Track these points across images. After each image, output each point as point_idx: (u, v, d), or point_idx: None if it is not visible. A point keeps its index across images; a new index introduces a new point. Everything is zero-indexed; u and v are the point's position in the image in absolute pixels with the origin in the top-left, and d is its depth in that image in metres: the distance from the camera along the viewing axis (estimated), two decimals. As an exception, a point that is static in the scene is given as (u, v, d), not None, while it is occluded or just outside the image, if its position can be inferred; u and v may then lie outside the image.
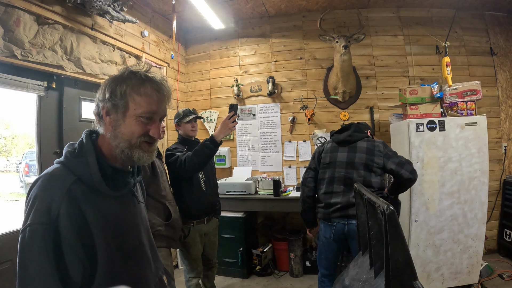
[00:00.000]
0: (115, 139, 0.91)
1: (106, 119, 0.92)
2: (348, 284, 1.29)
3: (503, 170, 3.72)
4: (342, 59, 3.55)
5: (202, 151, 2.19)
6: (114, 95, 0.90)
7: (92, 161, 0.87)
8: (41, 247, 0.74)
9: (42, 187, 0.81)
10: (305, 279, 3.55)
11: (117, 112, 0.90)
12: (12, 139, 10.90)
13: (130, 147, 0.91)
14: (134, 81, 0.90)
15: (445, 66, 3.11)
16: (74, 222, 0.79)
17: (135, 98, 0.90)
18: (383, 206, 0.95)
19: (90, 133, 0.95)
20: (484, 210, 2.92)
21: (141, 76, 0.91)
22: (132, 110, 0.90)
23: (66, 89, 2.64)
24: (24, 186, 7.52)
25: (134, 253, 0.95)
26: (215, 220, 2.72)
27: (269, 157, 4.19)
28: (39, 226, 0.75)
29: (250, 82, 4.25)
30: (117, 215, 0.91)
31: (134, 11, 3.35)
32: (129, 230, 0.95)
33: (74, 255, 0.78)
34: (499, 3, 3.67)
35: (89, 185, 0.85)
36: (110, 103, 0.90)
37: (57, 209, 0.77)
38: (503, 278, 3.08)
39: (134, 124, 0.91)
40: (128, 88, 0.90)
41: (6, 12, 2.07)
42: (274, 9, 4.00)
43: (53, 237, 0.76)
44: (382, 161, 2.23)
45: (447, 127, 2.92)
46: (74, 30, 2.62)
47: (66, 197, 0.79)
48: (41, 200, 0.78)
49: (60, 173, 0.84)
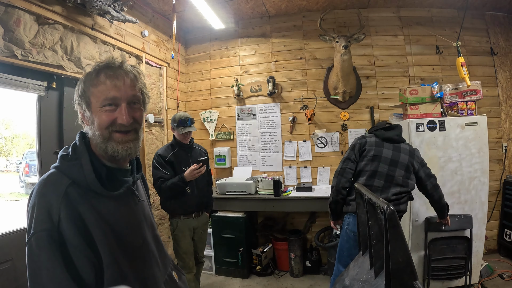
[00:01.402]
0: (93, 136, 0.91)
1: (84, 120, 0.94)
2: (348, 284, 1.29)
3: (503, 170, 3.72)
4: (342, 59, 3.55)
5: (174, 188, 2.57)
6: (79, 95, 0.92)
7: (86, 162, 0.86)
8: (50, 254, 0.74)
9: (39, 194, 0.80)
10: (305, 279, 3.55)
11: (86, 110, 0.91)
12: (12, 139, 10.90)
13: (103, 141, 0.90)
14: (89, 76, 0.91)
15: (461, 66, 3.00)
16: (75, 224, 0.78)
17: (92, 91, 0.90)
18: (383, 206, 0.95)
19: (83, 135, 0.94)
20: (484, 210, 2.93)
21: (95, 68, 0.92)
22: (94, 104, 0.90)
23: (67, 89, 2.64)
24: (24, 186, 7.52)
25: (139, 252, 0.93)
26: (205, 215, 2.88)
27: (269, 157, 4.19)
28: (43, 233, 0.75)
29: (250, 82, 4.25)
30: (115, 216, 0.89)
31: (134, 11, 3.35)
32: (131, 230, 0.93)
33: (83, 256, 0.77)
34: (500, 3, 3.67)
35: (85, 187, 0.84)
36: (79, 105, 0.92)
37: (57, 213, 0.77)
38: (503, 278, 3.08)
39: (100, 116, 0.89)
40: (86, 84, 0.91)
41: (7, 12, 2.07)
42: (274, 9, 4.00)
43: (58, 242, 0.75)
44: (417, 166, 2.33)
45: (447, 127, 2.92)
46: (74, 30, 2.62)
47: (63, 201, 0.79)
48: (40, 207, 0.78)
49: (54, 178, 0.84)
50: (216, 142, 4.40)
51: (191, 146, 2.81)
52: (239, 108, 4.30)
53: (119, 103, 0.90)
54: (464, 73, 2.98)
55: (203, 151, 2.96)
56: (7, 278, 2.02)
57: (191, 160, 2.72)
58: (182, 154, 2.73)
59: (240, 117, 4.30)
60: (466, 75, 2.98)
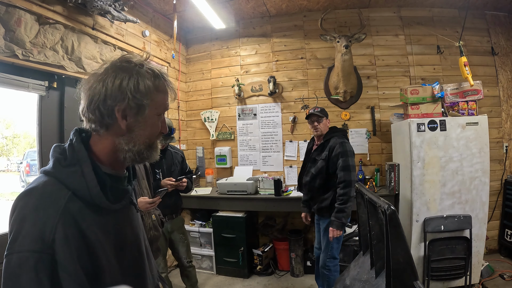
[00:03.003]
0: (129, 142, 0.79)
1: (122, 123, 0.77)
2: (349, 284, 1.29)
3: (504, 170, 3.72)
4: (343, 58, 3.54)
5: None
6: (138, 93, 0.76)
7: (88, 171, 0.73)
8: (31, 279, 0.61)
9: (32, 207, 0.67)
10: (306, 278, 3.55)
11: (138, 113, 0.78)
12: (13, 138, 10.90)
13: (148, 148, 0.82)
14: (148, 76, 0.78)
15: (463, 66, 3.00)
16: (73, 246, 0.66)
17: (156, 96, 0.80)
18: (384, 206, 0.95)
19: (79, 133, 0.80)
20: (485, 210, 2.92)
21: (153, 70, 0.80)
22: (153, 109, 0.80)
23: (67, 89, 2.65)
24: (25, 186, 7.52)
25: (133, 265, 0.87)
26: (180, 218, 2.86)
27: (270, 157, 4.19)
28: (30, 255, 0.62)
29: (251, 82, 4.24)
30: (117, 230, 0.81)
31: (135, 11, 3.35)
32: (130, 243, 0.86)
33: (75, 284, 0.65)
34: (501, 3, 3.66)
35: (86, 200, 0.72)
36: (133, 103, 0.76)
37: (51, 233, 0.64)
38: (504, 278, 3.07)
39: (154, 124, 0.82)
40: (150, 85, 0.78)
41: (7, 12, 2.07)
42: (275, 8, 4.00)
43: (48, 267, 0.63)
44: None
45: (448, 127, 2.92)
46: (75, 30, 2.62)
47: (61, 218, 0.67)
48: (32, 223, 0.65)
49: (52, 189, 0.70)
50: (217, 142, 4.40)
51: (166, 149, 2.73)
52: (239, 108, 4.30)
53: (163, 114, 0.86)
54: (467, 73, 2.97)
55: (179, 153, 2.86)
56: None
57: (165, 163, 2.67)
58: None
59: (241, 117, 4.30)
60: (469, 75, 2.97)
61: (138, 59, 0.80)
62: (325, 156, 2.63)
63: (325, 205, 2.62)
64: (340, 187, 2.51)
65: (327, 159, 2.62)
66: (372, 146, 3.89)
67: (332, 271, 2.62)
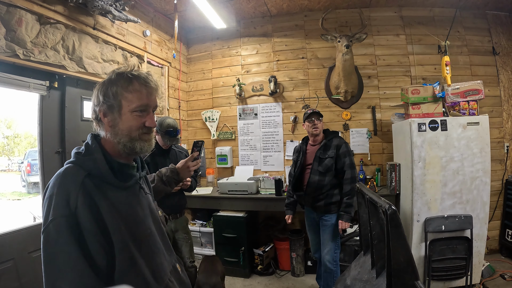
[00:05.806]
0: (115, 136, 0.99)
1: (105, 120, 1.00)
2: (349, 283, 1.29)
3: (505, 170, 3.71)
4: (344, 58, 3.54)
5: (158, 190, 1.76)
6: (107, 97, 0.98)
7: (100, 157, 0.95)
8: (67, 238, 0.80)
9: (57, 185, 0.87)
10: (306, 278, 3.55)
11: (113, 111, 0.98)
12: (14, 138, 10.95)
13: (131, 140, 0.99)
14: (122, 81, 0.98)
15: (445, 65, 3.13)
16: (91, 212, 0.85)
17: (126, 96, 0.98)
18: (385, 205, 0.95)
19: (94, 136, 1.03)
20: (486, 210, 2.91)
21: (128, 76, 0.99)
22: (126, 107, 0.98)
23: (68, 89, 2.65)
24: (26, 185, 7.55)
25: (147, 242, 1.01)
26: (184, 218, 2.84)
27: (271, 157, 4.19)
28: (62, 219, 0.81)
29: (252, 82, 4.24)
30: (126, 206, 0.97)
31: (136, 10, 3.35)
32: (140, 219, 1.01)
33: (96, 242, 0.84)
34: (502, 3, 3.65)
35: (99, 178, 0.92)
36: (105, 105, 0.98)
37: (75, 201, 0.83)
38: (504, 279, 3.07)
39: (130, 119, 0.99)
40: (118, 88, 0.98)
41: (8, 11, 2.08)
42: (276, 8, 4.00)
43: (75, 228, 0.82)
44: None
45: (449, 127, 2.91)
46: (76, 29, 2.62)
47: (81, 190, 0.86)
48: (59, 196, 0.84)
49: (72, 170, 0.91)
50: (217, 142, 4.40)
51: (170, 148, 2.72)
52: (240, 108, 4.30)
53: (148, 110, 1.02)
54: (446, 72, 3.12)
55: (183, 152, 2.85)
56: (9, 277, 2.03)
57: (169, 162, 2.59)
58: (160, 158, 2.63)
59: (241, 117, 4.30)
60: (448, 75, 3.12)
61: (122, 70, 1.00)
62: (333, 154, 2.71)
63: (335, 201, 2.71)
64: (347, 183, 2.64)
65: (335, 157, 2.72)
66: (373, 146, 3.89)
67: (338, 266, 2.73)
